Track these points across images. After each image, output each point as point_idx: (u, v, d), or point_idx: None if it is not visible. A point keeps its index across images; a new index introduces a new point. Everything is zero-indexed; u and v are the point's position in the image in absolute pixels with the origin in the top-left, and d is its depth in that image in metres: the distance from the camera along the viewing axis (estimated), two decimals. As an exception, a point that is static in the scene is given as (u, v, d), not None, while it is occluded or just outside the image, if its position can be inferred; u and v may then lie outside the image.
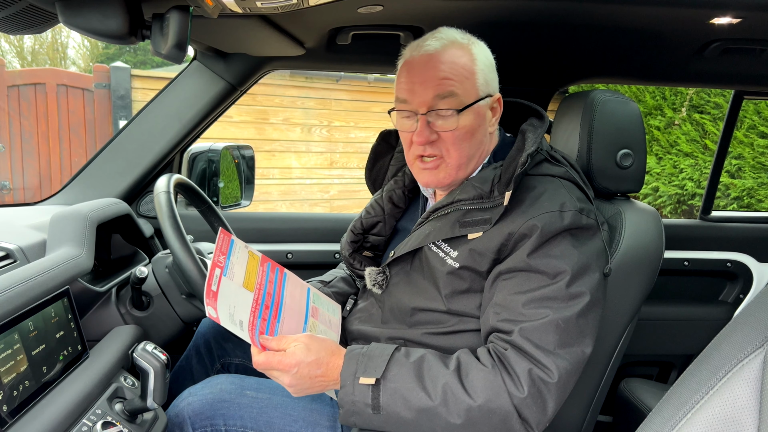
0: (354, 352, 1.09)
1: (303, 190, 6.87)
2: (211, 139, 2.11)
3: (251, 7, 1.08)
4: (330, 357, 1.08)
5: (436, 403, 1.01)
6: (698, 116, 5.96)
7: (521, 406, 1.01)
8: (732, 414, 0.61)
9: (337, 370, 1.07)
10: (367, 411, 1.04)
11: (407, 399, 1.02)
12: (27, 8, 0.91)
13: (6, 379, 0.91)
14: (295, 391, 1.09)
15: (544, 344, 1.03)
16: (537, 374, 1.01)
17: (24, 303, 0.98)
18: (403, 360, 1.06)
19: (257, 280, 1.18)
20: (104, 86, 5.66)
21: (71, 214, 1.33)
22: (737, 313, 2.18)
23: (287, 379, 1.07)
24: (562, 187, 1.15)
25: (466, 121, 1.16)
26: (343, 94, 6.89)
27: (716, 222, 2.29)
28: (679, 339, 2.17)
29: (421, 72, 1.16)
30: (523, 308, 1.05)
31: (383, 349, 1.09)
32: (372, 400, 1.03)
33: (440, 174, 1.20)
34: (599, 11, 1.42)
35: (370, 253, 1.41)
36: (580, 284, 1.07)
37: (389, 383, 1.03)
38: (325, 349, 1.09)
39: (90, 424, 1.01)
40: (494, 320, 1.08)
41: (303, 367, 1.06)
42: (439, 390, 1.02)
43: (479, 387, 1.01)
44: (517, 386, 1.01)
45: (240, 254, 1.17)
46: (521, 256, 1.08)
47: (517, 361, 1.02)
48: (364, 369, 1.05)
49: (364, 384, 1.04)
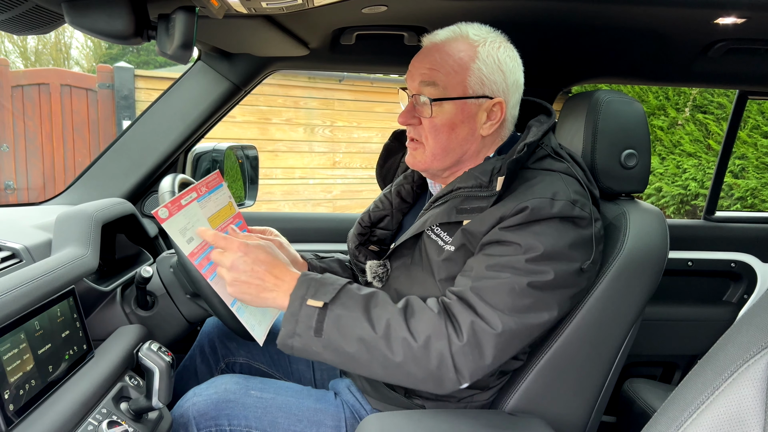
0: (308, 277, 1.10)
1: (306, 190, 6.88)
2: (215, 139, 2.11)
3: (256, 8, 1.09)
4: (283, 265, 1.12)
5: (378, 336, 1.03)
6: (701, 116, 5.95)
7: (457, 354, 1.02)
8: (737, 415, 0.61)
9: (282, 278, 1.09)
10: (308, 333, 1.05)
11: (350, 327, 1.04)
12: (33, 9, 0.92)
13: (12, 379, 0.91)
14: (232, 278, 1.07)
15: (493, 302, 1.05)
16: (479, 326, 1.04)
17: (30, 302, 0.98)
18: (354, 291, 1.09)
19: (222, 224, 1.23)
20: (108, 86, 5.67)
21: (76, 214, 1.33)
22: (741, 314, 2.18)
23: (228, 260, 1.08)
24: (560, 180, 1.15)
25: (443, 113, 1.18)
26: (346, 95, 6.89)
27: (720, 222, 2.28)
28: (683, 339, 2.17)
29: (420, 58, 1.21)
30: (485, 270, 1.08)
31: (337, 279, 1.11)
32: (316, 324, 1.04)
33: (417, 157, 1.25)
34: (603, 12, 1.42)
35: (376, 248, 1.42)
36: (547, 264, 1.08)
37: (336, 309, 1.05)
38: (281, 257, 1.13)
39: (96, 423, 1.02)
40: (458, 278, 1.12)
41: (251, 254, 1.08)
42: (383, 324, 1.04)
43: (421, 328, 1.03)
44: (457, 334, 1.03)
45: (220, 198, 1.24)
46: (500, 227, 1.10)
47: (461, 311, 1.05)
48: (314, 293, 1.06)
49: (311, 306, 1.05)
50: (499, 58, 1.19)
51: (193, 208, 1.15)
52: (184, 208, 1.12)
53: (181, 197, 1.12)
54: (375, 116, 7.05)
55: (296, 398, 1.26)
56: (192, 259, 1.11)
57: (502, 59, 1.19)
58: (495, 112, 1.20)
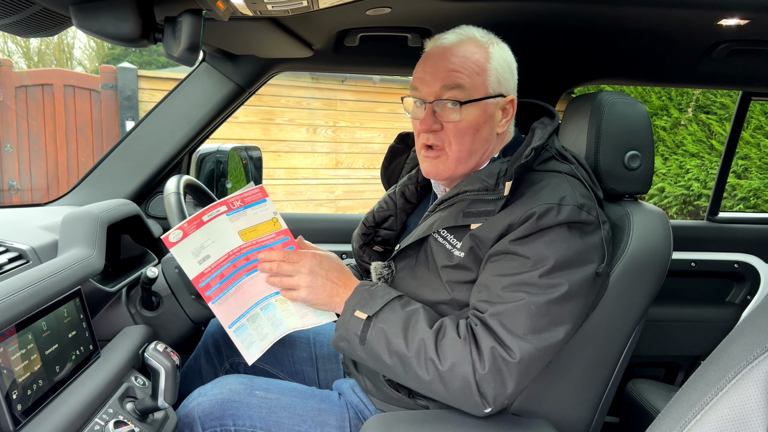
0: (363, 287, 1.19)
1: (308, 191, 6.88)
2: (218, 139, 2.12)
3: (261, 10, 1.09)
4: (350, 274, 1.23)
5: (410, 354, 1.09)
6: (704, 117, 5.93)
7: (481, 381, 1.06)
8: (741, 415, 0.61)
9: (347, 285, 1.19)
10: (354, 340, 1.14)
11: (389, 341, 1.11)
12: (41, 12, 0.92)
13: (21, 379, 0.92)
14: (308, 283, 1.17)
15: (512, 327, 1.07)
16: (499, 353, 1.06)
17: (38, 303, 0.99)
18: (398, 307, 1.14)
19: (257, 239, 1.20)
20: (111, 87, 5.68)
21: (82, 214, 1.34)
22: (745, 315, 2.18)
23: (305, 276, 1.18)
24: (566, 182, 1.16)
25: (469, 115, 1.18)
26: (348, 95, 6.90)
27: (723, 223, 2.28)
28: (686, 340, 2.17)
29: (434, 63, 1.19)
30: (501, 291, 1.09)
31: (387, 292, 1.17)
32: (361, 333, 1.13)
33: (440, 165, 1.23)
34: (606, 13, 1.42)
35: (380, 248, 1.42)
36: (560, 275, 1.09)
37: (379, 323, 1.12)
38: (346, 268, 1.24)
39: (102, 423, 1.02)
40: (475, 299, 1.14)
41: (324, 265, 1.19)
42: (416, 343, 1.09)
43: (448, 353, 1.07)
44: (481, 362, 1.06)
45: (261, 213, 1.19)
46: (508, 240, 1.11)
47: (483, 338, 1.08)
48: (363, 304, 1.15)
49: (357, 317, 1.14)
50: (507, 57, 1.22)
51: (220, 222, 1.13)
52: (205, 224, 1.10)
53: (203, 213, 1.10)
54: (377, 117, 7.05)
55: (300, 398, 1.26)
56: (200, 280, 1.12)
57: (509, 58, 1.22)
58: (508, 109, 1.23)
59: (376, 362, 1.14)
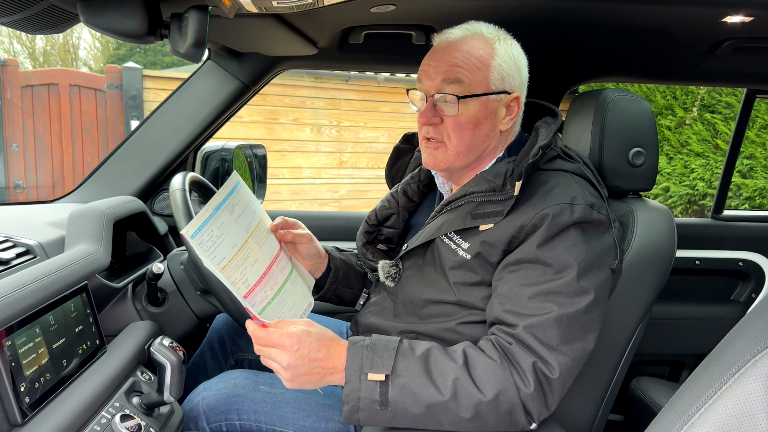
0: (357, 345, 1.05)
1: (312, 190, 6.90)
2: (222, 138, 2.12)
3: (267, 7, 1.10)
4: (331, 341, 1.05)
5: (446, 398, 1.00)
6: (709, 116, 5.92)
7: (527, 400, 1.03)
8: (745, 409, 0.61)
9: (337, 357, 1.04)
10: (374, 407, 1.01)
11: (417, 394, 1.01)
12: (49, 8, 0.93)
13: (28, 372, 0.93)
14: (292, 375, 1.02)
15: (547, 340, 1.04)
16: (540, 368, 1.03)
17: (45, 297, 1.00)
18: (410, 354, 1.04)
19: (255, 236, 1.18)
20: (116, 86, 5.71)
21: (89, 211, 1.35)
22: (749, 312, 2.17)
23: (286, 358, 1.01)
24: (574, 182, 1.16)
25: (468, 110, 1.18)
26: (352, 94, 6.90)
27: (728, 221, 2.28)
28: (690, 338, 2.16)
29: (438, 56, 1.20)
30: (528, 301, 1.07)
31: (387, 342, 1.06)
32: (380, 396, 1.01)
33: (438, 156, 1.23)
34: (610, 10, 1.42)
35: (384, 246, 1.43)
36: (585, 280, 1.08)
37: (398, 379, 1.01)
38: (326, 333, 1.07)
39: (109, 416, 1.03)
40: (499, 310, 1.09)
41: (304, 346, 1.02)
42: (449, 385, 1.01)
43: (489, 381, 1.02)
44: (524, 381, 1.03)
45: (243, 202, 1.17)
46: (529, 247, 1.09)
47: (522, 356, 1.04)
48: (371, 364, 1.02)
49: (372, 380, 1.01)
50: (514, 54, 1.21)
51: (220, 218, 1.06)
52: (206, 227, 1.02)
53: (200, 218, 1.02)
54: (381, 116, 7.05)
55: (305, 393, 1.27)
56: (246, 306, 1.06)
57: (516, 55, 1.22)
58: (513, 107, 1.22)
59: (404, 420, 1.03)
